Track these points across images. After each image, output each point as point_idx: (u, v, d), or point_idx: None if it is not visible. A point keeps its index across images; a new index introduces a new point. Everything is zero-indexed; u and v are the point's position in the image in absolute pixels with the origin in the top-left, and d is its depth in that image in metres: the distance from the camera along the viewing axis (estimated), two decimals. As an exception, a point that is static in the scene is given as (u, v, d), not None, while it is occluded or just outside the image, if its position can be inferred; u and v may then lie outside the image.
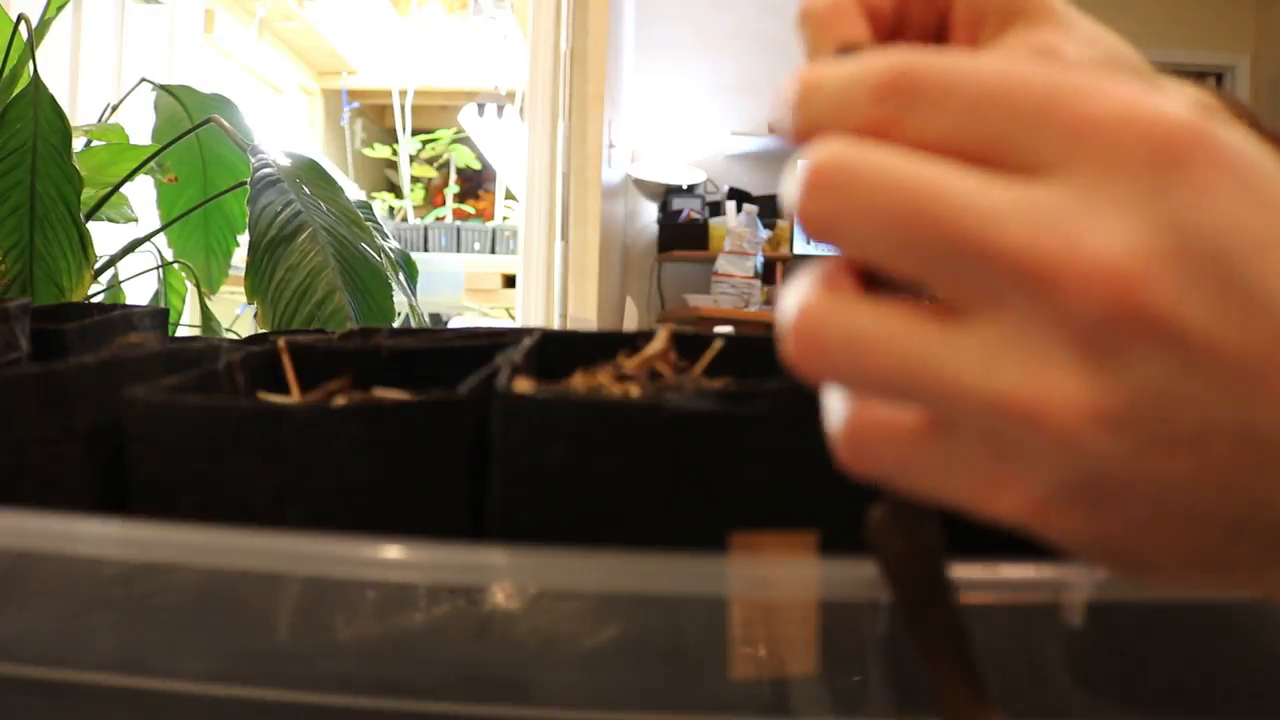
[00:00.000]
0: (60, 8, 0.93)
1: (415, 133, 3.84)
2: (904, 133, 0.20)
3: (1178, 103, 0.19)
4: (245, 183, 1.04)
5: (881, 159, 0.20)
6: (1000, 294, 0.19)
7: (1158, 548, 0.20)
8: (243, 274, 0.87)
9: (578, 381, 0.36)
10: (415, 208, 3.91)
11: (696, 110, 4.00)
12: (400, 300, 0.92)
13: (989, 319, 0.19)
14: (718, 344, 0.42)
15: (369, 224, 0.96)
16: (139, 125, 1.12)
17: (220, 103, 1.11)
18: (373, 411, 0.30)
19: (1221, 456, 0.19)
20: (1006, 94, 0.19)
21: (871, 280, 0.21)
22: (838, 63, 0.22)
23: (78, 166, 0.79)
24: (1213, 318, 0.18)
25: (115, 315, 0.49)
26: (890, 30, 0.28)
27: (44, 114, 0.77)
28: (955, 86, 0.20)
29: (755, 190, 4.00)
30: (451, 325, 2.47)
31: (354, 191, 1.03)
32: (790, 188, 0.21)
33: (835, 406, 0.22)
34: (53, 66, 1.59)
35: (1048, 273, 0.18)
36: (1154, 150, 0.18)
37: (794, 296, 0.21)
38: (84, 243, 0.80)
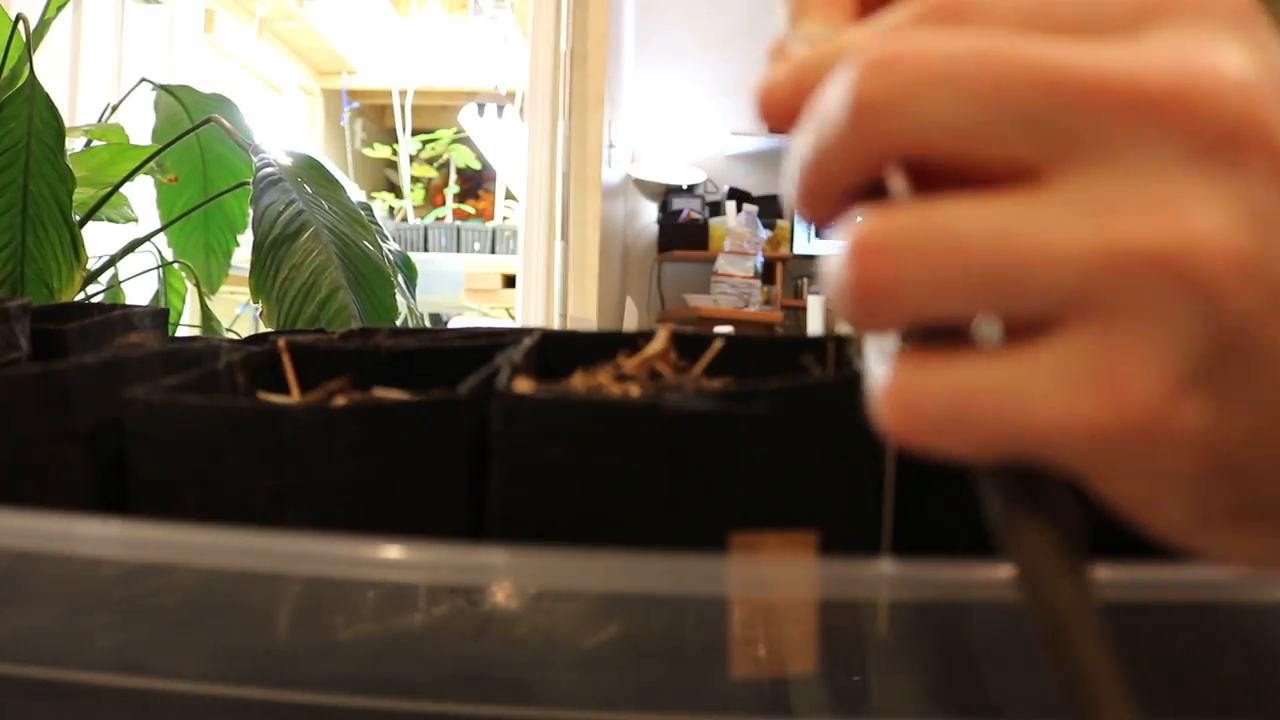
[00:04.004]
0: (60, 8, 0.93)
1: (415, 133, 3.84)
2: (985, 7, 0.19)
3: None
4: (245, 183, 1.04)
5: (940, 35, 0.18)
6: (1108, 137, 0.17)
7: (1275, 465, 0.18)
8: (243, 274, 0.87)
9: (578, 381, 0.36)
10: (415, 208, 3.91)
11: (696, 110, 4.00)
12: (399, 303, 0.92)
13: (1095, 169, 0.17)
14: (718, 344, 0.42)
15: (371, 224, 0.97)
16: (139, 125, 1.12)
17: (220, 103, 1.11)
18: (373, 411, 0.30)
19: None
20: None
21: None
22: (853, 29, 0.21)
23: (71, 166, 0.79)
24: None
25: (115, 315, 0.49)
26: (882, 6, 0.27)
27: (39, 113, 0.77)
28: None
29: (755, 190, 4.00)
30: (451, 325, 2.47)
31: (354, 192, 1.03)
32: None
33: (877, 369, 0.19)
34: (52, 66, 1.59)
35: (1168, 93, 0.17)
36: (1238, 3, 0.18)
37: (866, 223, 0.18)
38: (75, 244, 0.80)
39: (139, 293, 1.17)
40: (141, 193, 1.10)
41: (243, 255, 0.96)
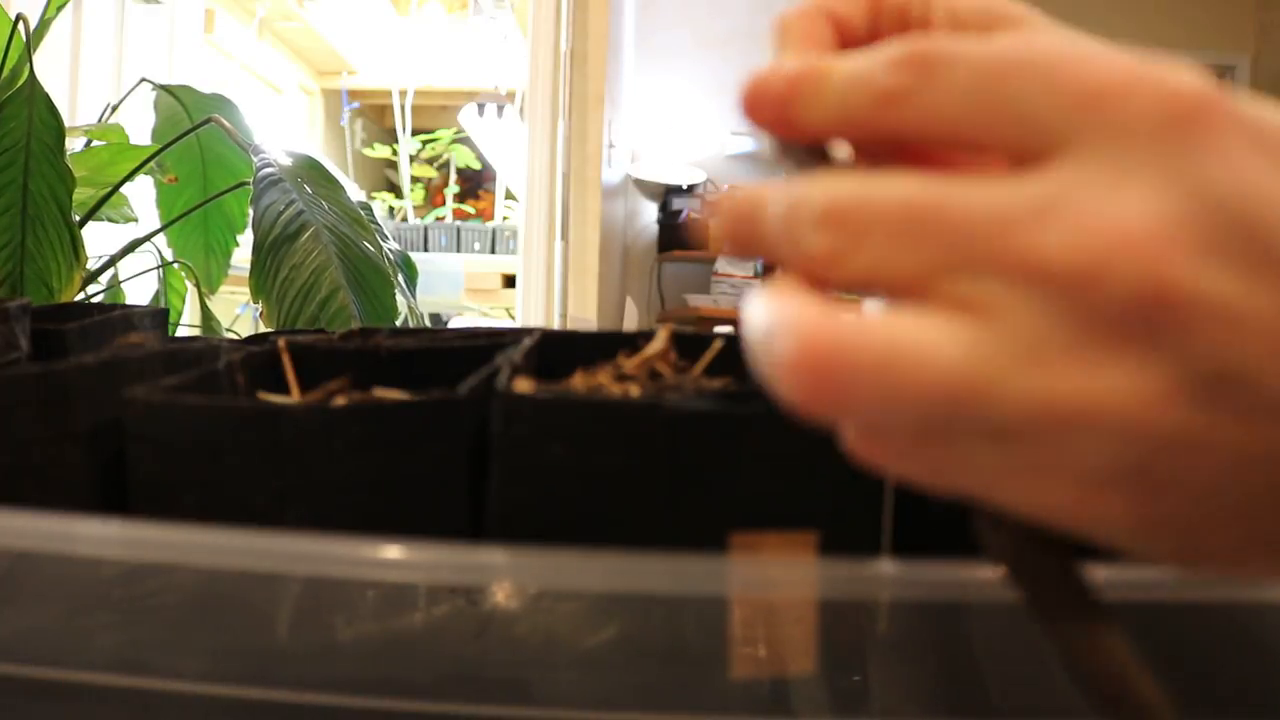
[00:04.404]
0: (60, 7, 0.93)
1: (415, 133, 3.84)
2: (918, 104, 0.20)
3: (1184, 71, 0.18)
4: (245, 183, 1.04)
5: (883, 182, 0.20)
6: (1022, 299, 0.18)
7: (1210, 528, 0.19)
8: (243, 274, 0.87)
9: (578, 381, 0.36)
10: (415, 208, 3.91)
11: (696, 110, 4.00)
12: (400, 302, 0.92)
13: (1015, 322, 0.18)
14: (718, 344, 0.41)
15: (371, 224, 0.97)
16: (139, 125, 1.12)
17: (220, 103, 1.11)
18: (372, 411, 0.30)
19: None
20: (1014, 64, 0.19)
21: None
22: (846, 56, 0.22)
23: (71, 166, 0.79)
24: (1247, 285, 0.17)
25: (115, 315, 0.49)
26: (863, 45, 0.28)
27: (38, 113, 0.77)
28: (964, 58, 0.20)
29: (755, 190, 4.00)
30: (451, 325, 2.47)
31: (354, 192, 1.03)
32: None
33: None
34: (52, 66, 1.59)
35: (1067, 268, 0.17)
36: (1165, 115, 0.18)
37: (782, 315, 0.19)
38: (75, 244, 0.80)
39: (139, 293, 1.17)
40: (141, 193, 1.10)
41: (243, 255, 0.96)
